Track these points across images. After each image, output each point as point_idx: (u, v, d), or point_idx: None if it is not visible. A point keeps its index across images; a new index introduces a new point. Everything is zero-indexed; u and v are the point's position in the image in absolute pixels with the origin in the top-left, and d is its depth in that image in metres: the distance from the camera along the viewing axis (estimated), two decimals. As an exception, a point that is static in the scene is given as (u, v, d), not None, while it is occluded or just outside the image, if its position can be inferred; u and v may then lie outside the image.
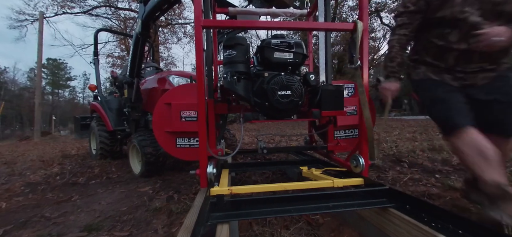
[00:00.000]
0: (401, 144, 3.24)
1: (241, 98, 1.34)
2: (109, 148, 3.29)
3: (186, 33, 13.88)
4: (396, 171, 2.07)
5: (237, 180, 1.95)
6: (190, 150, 1.65)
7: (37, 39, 10.88)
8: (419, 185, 1.70)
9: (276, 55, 1.23)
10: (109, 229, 1.31)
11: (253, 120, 1.31)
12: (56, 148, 5.88)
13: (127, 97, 2.70)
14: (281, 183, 1.14)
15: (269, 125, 9.07)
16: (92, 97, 3.90)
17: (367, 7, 1.25)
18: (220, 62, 1.83)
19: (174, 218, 1.39)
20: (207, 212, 0.88)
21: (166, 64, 14.88)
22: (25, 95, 33.72)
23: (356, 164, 1.27)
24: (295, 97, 1.22)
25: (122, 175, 2.54)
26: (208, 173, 1.19)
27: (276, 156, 2.79)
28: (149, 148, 2.21)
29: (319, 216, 1.28)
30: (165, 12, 2.18)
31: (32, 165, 3.46)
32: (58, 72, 38.05)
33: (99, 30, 3.96)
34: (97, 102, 3.52)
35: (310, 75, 1.32)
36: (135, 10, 11.19)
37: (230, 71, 1.33)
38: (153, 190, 1.93)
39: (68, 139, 9.51)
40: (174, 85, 2.47)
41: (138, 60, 2.39)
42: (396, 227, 0.88)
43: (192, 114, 1.59)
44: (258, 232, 1.14)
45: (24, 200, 1.87)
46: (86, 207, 1.67)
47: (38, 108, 10.93)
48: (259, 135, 4.56)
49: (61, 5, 11.13)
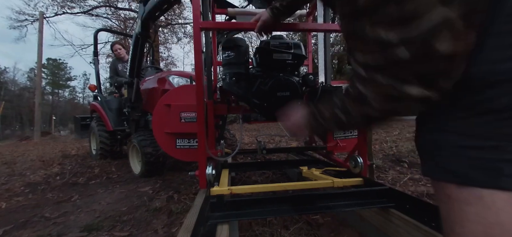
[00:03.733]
0: (401, 144, 3.24)
1: (241, 99, 1.34)
2: (109, 148, 3.28)
3: (186, 33, 13.86)
4: (396, 171, 2.07)
5: (237, 180, 1.95)
6: (190, 151, 1.65)
7: (37, 39, 10.89)
8: (419, 185, 1.70)
9: (274, 56, 1.23)
10: (109, 229, 1.32)
11: (252, 121, 1.31)
12: (56, 148, 5.88)
13: (127, 97, 2.70)
14: (281, 183, 1.14)
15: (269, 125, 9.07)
16: (92, 97, 3.90)
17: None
18: (219, 63, 1.84)
19: (174, 218, 1.39)
20: (207, 212, 0.89)
21: (166, 64, 14.85)
22: (25, 95, 33.75)
23: (355, 165, 1.27)
24: (294, 98, 1.22)
25: (122, 175, 2.54)
26: (207, 175, 1.20)
27: (276, 156, 2.79)
28: (149, 148, 2.21)
29: (319, 216, 1.28)
30: (165, 12, 2.17)
31: (32, 165, 3.46)
32: (58, 72, 38.09)
33: (99, 30, 3.96)
34: (97, 102, 3.52)
35: (309, 76, 1.32)
36: (135, 10, 11.18)
37: (229, 73, 1.33)
38: (153, 190, 1.93)
39: (68, 139, 9.50)
40: (174, 85, 2.47)
41: (138, 60, 2.39)
42: (396, 227, 0.88)
43: (192, 115, 1.59)
44: (258, 232, 1.14)
45: (24, 200, 1.87)
46: (86, 207, 1.67)
47: (38, 108, 10.93)
48: (259, 136, 4.56)
49: (61, 5, 11.11)
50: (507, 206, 0.32)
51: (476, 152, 0.34)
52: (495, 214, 0.32)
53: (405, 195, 0.97)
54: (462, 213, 0.35)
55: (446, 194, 0.38)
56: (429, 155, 0.42)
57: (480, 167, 0.34)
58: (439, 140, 0.39)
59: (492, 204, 0.33)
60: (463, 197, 0.35)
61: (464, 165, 0.35)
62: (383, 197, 1.01)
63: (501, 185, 0.32)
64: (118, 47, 3.62)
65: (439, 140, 0.39)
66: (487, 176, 0.33)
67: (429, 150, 0.42)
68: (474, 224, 0.34)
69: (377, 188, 1.04)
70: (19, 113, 32.82)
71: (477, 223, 0.34)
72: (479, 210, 0.34)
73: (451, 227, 0.38)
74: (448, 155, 0.37)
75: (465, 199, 0.35)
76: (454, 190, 0.36)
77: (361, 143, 1.26)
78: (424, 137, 0.42)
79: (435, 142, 0.40)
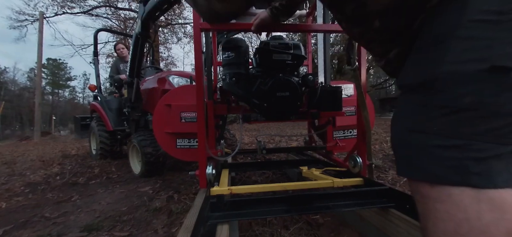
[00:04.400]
0: (401, 144, 3.24)
1: (240, 99, 1.35)
2: (109, 148, 3.29)
3: (186, 33, 13.86)
4: (396, 171, 2.06)
5: (237, 180, 1.95)
6: (190, 150, 1.66)
7: (37, 39, 10.88)
8: (418, 185, 1.70)
9: (274, 56, 1.24)
10: (109, 229, 1.32)
11: (252, 121, 1.32)
12: (56, 148, 5.88)
13: (127, 97, 2.70)
14: (281, 183, 1.14)
15: (269, 125, 9.08)
16: (92, 97, 3.90)
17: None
18: (219, 63, 1.84)
19: (174, 218, 1.39)
20: (207, 212, 0.89)
21: (166, 64, 14.86)
22: (25, 95, 33.76)
23: (354, 164, 1.27)
24: (294, 98, 1.22)
25: (122, 175, 2.54)
26: (207, 174, 1.20)
27: (276, 156, 2.79)
28: (149, 148, 2.21)
29: (319, 216, 1.28)
30: (165, 12, 2.17)
31: (32, 165, 3.46)
32: (58, 72, 38.12)
33: (99, 30, 3.96)
34: (97, 102, 3.52)
35: (309, 76, 1.33)
36: (135, 10, 11.17)
37: (229, 73, 1.33)
38: (153, 190, 1.93)
39: (68, 139, 9.50)
40: (174, 85, 2.47)
41: (138, 60, 2.39)
42: (396, 227, 0.88)
43: (192, 115, 1.60)
44: (258, 232, 1.14)
45: (24, 200, 1.87)
46: (86, 207, 1.67)
47: (38, 108, 10.93)
48: (259, 136, 4.56)
49: (61, 5, 11.11)
50: (474, 203, 0.33)
51: (444, 151, 0.35)
52: (463, 211, 0.34)
53: (405, 195, 0.97)
54: (435, 211, 0.36)
55: (420, 192, 0.39)
56: (403, 155, 0.43)
57: (448, 166, 0.35)
58: (411, 139, 0.40)
59: (460, 201, 0.34)
60: (435, 196, 0.36)
61: (434, 163, 0.36)
62: (383, 197, 1.01)
63: (468, 182, 0.33)
64: (121, 47, 3.63)
65: (411, 139, 0.40)
66: (455, 174, 0.34)
67: (402, 149, 0.43)
68: (445, 222, 0.35)
69: (377, 188, 1.04)
70: (19, 113, 32.83)
71: (448, 221, 0.35)
72: (448, 208, 0.35)
73: (425, 225, 0.39)
74: (419, 154, 0.38)
75: (437, 197, 0.36)
76: (427, 189, 0.38)
77: (361, 143, 1.26)
78: (398, 137, 0.44)
79: (407, 142, 0.41)
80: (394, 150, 0.45)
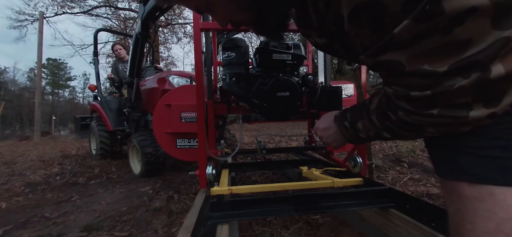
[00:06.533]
0: (401, 144, 3.24)
1: (241, 99, 1.35)
2: (109, 148, 3.29)
3: (186, 33, 13.87)
4: (396, 171, 2.07)
5: (237, 180, 1.95)
6: (190, 150, 1.66)
7: (37, 39, 10.89)
8: (419, 185, 1.70)
9: (274, 56, 1.24)
10: (109, 229, 1.32)
11: (252, 121, 1.31)
12: (56, 148, 5.88)
13: (127, 97, 2.70)
14: (281, 183, 1.14)
15: (269, 125, 9.07)
16: (92, 97, 3.90)
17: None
18: (219, 63, 1.84)
19: (174, 218, 1.39)
20: (207, 212, 0.89)
21: (166, 64, 14.85)
22: (25, 95, 33.77)
23: (354, 164, 1.27)
24: (294, 98, 1.22)
25: (122, 175, 2.54)
26: (207, 174, 1.20)
27: (276, 156, 2.79)
28: (149, 148, 2.21)
29: (319, 216, 1.29)
30: (165, 12, 2.18)
31: (32, 165, 3.46)
32: (58, 72, 38.13)
33: (99, 30, 3.96)
34: (97, 102, 3.52)
35: (309, 76, 1.33)
36: (135, 10, 11.18)
37: (229, 73, 1.33)
38: (153, 190, 1.93)
39: (68, 139, 9.50)
40: (174, 85, 2.47)
41: (138, 60, 2.39)
42: (396, 227, 0.88)
43: (192, 115, 1.59)
44: (258, 232, 1.14)
45: (24, 200, 1.87)
46: (86, 207, 1.67)
47: (38, 108, 10.93)
48: (259, 136, 4.56)
49: (61, 5, 11.12)
50: None
51: (487, 151, 0.35)
52: (506, 210, 0.34)
53: (405, 195, 0.97)
54: (474, 210, 0.36)
55: (457, 192, 0.39)
56: (440, 155, 0.43)
57: (492, 166, 0.35)
58: (450, 140, 0.39)
59: (503, 201, 0.34)
60: (475, 195, 0.36)
61: (476, 163, 0.36)
62: (383, 197, 1.01)
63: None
64: (118, 47, 3.62)
65: (450, 140, 0.39)
66: (499, 174, 0.34)
67: (440, 150, 0.42)
68: (486, 220, 0.35)
69: (377, 188, 1.04)
70: (19, 113, 32.83)
71: (489, 219, 0.35)
72: (491, 207, 0.35)
73: (462, 224, 0.39)
74: (459, 154, 0.38)
75: (477, 197, 0.36)
76: (466, 188, 0.37)
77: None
78: (434, 138, 0.43)
79: (446, 142, 0.40)
80: (430, 150, 0.45)
